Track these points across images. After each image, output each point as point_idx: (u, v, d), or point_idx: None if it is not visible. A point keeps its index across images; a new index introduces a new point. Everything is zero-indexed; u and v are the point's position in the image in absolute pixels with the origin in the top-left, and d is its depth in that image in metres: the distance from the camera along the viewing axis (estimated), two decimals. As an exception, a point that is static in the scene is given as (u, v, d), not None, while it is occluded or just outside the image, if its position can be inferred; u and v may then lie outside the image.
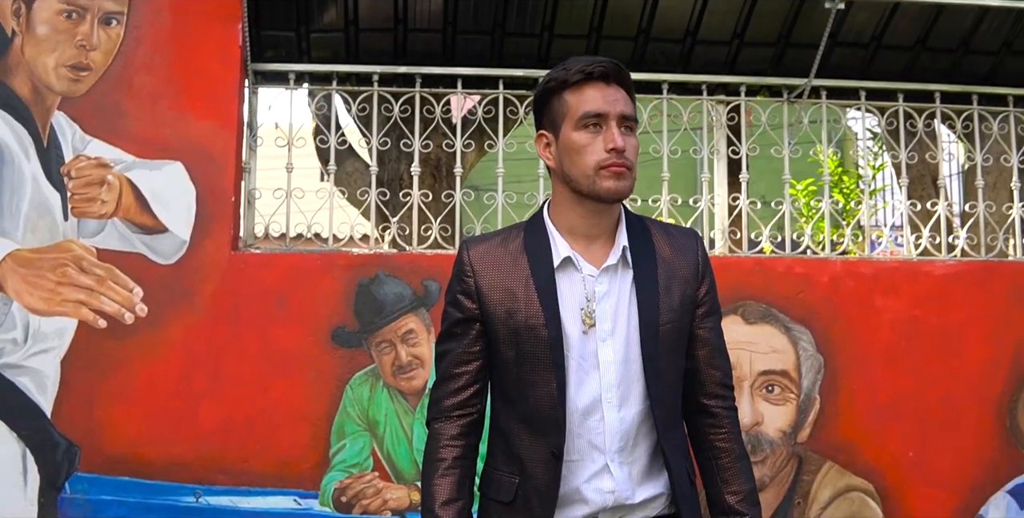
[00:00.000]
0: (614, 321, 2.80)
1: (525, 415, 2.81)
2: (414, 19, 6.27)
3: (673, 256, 2.91)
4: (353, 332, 5.57)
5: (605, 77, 2.80)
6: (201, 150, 5.61)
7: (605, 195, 2.77)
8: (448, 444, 2.87)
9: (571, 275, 2.83)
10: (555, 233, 2.87)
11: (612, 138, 2.75)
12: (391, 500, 5.50)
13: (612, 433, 2.78)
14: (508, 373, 2.85)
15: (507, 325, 2.82)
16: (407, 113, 6.18)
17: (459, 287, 2.91)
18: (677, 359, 2.87)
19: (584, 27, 6.40)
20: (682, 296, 2.87)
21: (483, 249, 2.89)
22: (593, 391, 2.78)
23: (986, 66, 6.95)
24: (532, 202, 6.21)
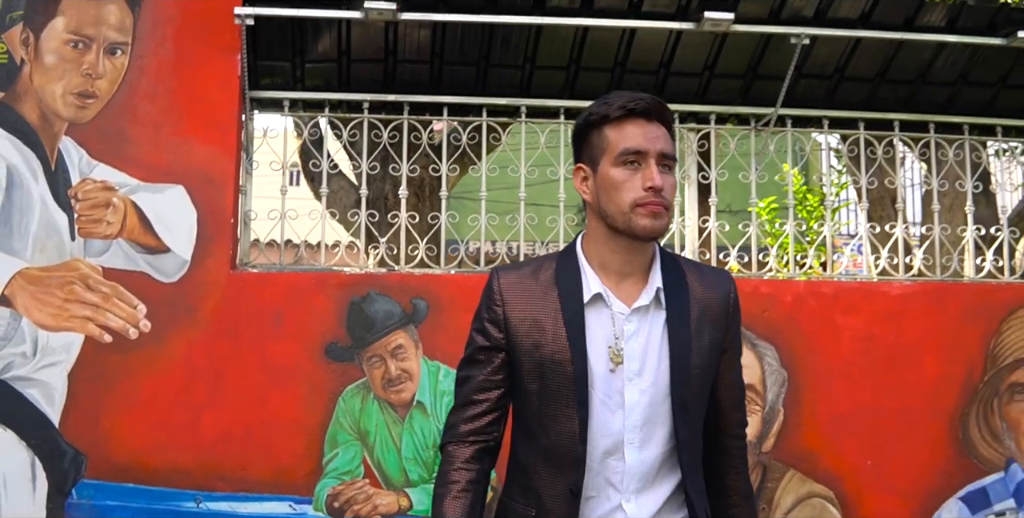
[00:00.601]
0: (642, 362, 2.78)
1: (545, 449, 2.80)
2: (403, 51, 6.60)
3: (705, 298, 2.88)
4: (345, 347, 5.88)
5: (647, 114, 2.78)
6: (202, 174, 5.91)
7: (641, 233, 2.75)
8: (461, 467, 2.86)
9: (600, 311, 2.80)
10: (587, 267, 2.85)
11: (651, 176, 2.73)
12: (381, 505, 5.81)
13: (631, 474, 2.77)
14: (530, 405, 2.84)
15: (533, 358, 2.80)
16: (395, 139, 6.51)
17: (487, 315, 2.89)
18: (703, 402, 2.87)
19: (564, 59, 6.75)
20: (711, 339, 2.85)
21: (514, 279, 2.88)
22: (616, 431, 2.77)
23: (943, 96, 7.33)
24: (514, 224, 6.56)
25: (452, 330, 5.91)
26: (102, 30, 6.01)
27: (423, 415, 5.87)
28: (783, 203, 7.95)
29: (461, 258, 6.41)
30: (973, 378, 6.44)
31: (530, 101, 6.72)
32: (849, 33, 6.57)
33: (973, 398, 6.43)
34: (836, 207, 12.25)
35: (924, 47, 6.91)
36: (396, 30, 6.41)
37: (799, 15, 6.52)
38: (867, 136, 6.98)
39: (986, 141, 7.29)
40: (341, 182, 8.32)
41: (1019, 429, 6.50)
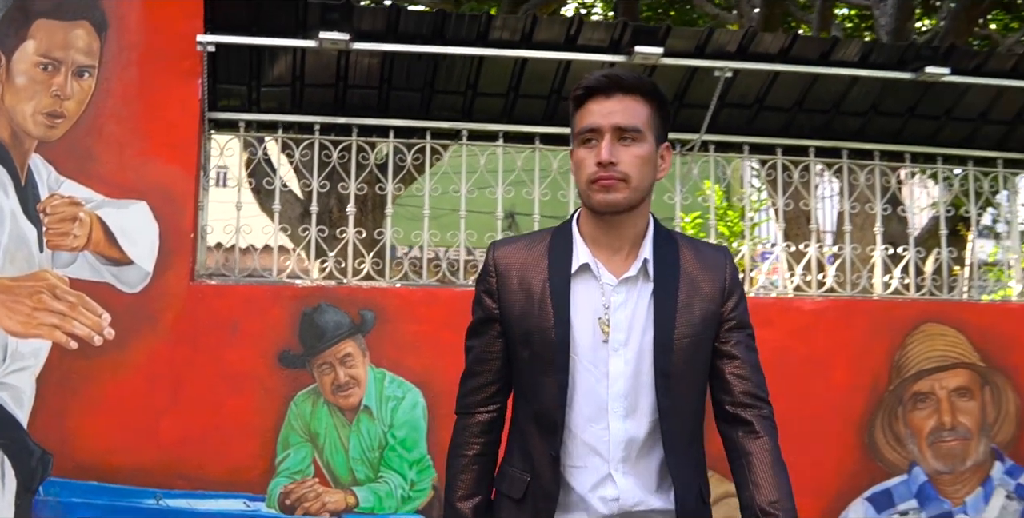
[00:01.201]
0: (628, 332, 2.83)
1: (534, 415, 2.88)
2: (353, 76, 7.01)
3: (699, 272, 2.91)
4: (297, 355, 6.27)
5: (605, 89, 2.83)
6: (163, 191, 6.26)
7: (597, 207, 2.82)
8: (472, 441, 2.96)
9: (588, 282, 2.86)
10: (579, 240, 2.90)
11: (599, 152, 2.77)
12: (329, 503, 6.20)
13: (616, 442, 2.80)
14: (522, 373, 2.92)
15: (521, 325, 2.87)
16: (344, 159, 6.91)
17: (482, 286, 2.98)
18: (694, 375, 2.88)
19: (504, 86, 7.20)
20: (704, 312, 2.87)
21: (507, 251, 2.95)
22: (600, 399, 2.81)
23: (856, 125, 7.86)
24: (455, 240, 6.99)
25: (398, 339, 6.33)
26: (70, 53, 6.35)
27: (369, 419, 6.27)
28: (707, 218, 8.42)
29: (405, 271, 6.81)
30: (879, 387, 6.92)
31: (471, 125, 7.15)
32: (769, 67, 7.07)
33: (879, 406, 6.90)
34: (755, 223, 12.82)
35: (838, 80, 7.40)
36: (348, 58, 6.82)
37: (723, 50, 6.99)
38: (785, 161, 7.46)
39: (895, 167, 7.81)
40: (287, 196, 8.70)
41: (921, 435, 6.99)
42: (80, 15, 6.38)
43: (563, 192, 7.15)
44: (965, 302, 7.75)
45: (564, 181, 7.14)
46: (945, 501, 6.98)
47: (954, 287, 8.18)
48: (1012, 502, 7.14)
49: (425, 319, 6.37)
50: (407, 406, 6.30)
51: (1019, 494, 7.13)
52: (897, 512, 6.93)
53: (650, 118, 2.86)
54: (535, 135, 7.20)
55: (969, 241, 8.55)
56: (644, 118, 2.84)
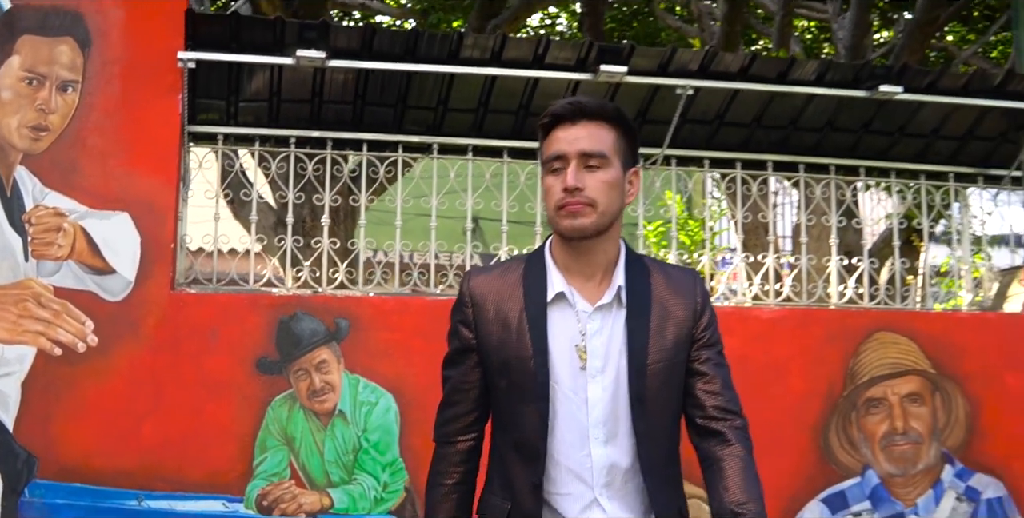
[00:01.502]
0: (605, 359, 2.86)
1: (514, 443, 2.89)
2: (329, 92, 7.25)
3: (670, 297, 2.94)
4: (274, 361, 6.49)
5: (570, 117, 2.87)
6: (145, 202, 6.48)
7: (565, 234, 2.85)
8: (451, 469, 2.97)
9: (564, 310, 2.88)
10: (552, 268, 2.93)
11: (564, 178, 2.81)
12: (305, 504, 6.42)
13: (599, 468, 2.84)
14: (500, 402, 2.93)
15: (499, 355, 2.89)
16: (319, 171, 7.14)
17: (458, 316, 2.99)
18: (669, 398, 2.93)
19: (473, 102, 7.45)
20: (676, 336, 2.91)
21: (482, 280, 2.97)
22: (581, 426, 2.84)
23: (812, 140, 8.15)
24: (425, 249, 7.23)
25: (371, 347, 6.56)
26: (55, 68, 6.55)
27: (344, 423, 6.50)
28: (669, 227, 8.68)
29: (378, 280, 7.04)
30: (834, 393, 7.19)
31: (442, 139, 7.40)
32: (729, 85, 7.35)
33: (833, 411, 7.16)
34: (715, 232, 13.13)
35: (796, 98, 7.70)
36: (323, 74, 7.05)
37: (685, 68, 7.27)
38: (744, 175, 7.75)
39: (850, 180, 8.11)
40: (261, 206, 8.90)
41: (874, 439, 7.27)
42: (64, 31, 6.58)
43: (530, 204, 7.40)
44: (917, 312, 8.06)
45: (531, 193, 7.39)
46: (897, 503, 7.25)
47: (907, 296, 8.47)
48: (962, 504, 7.42)
49: (397, 327, 6.61)
50: (380, 411, 6.53)
51: (969, 496, 7.40)
52: (851, 513, 7.18)
53: (616, 143, 2.89)
54: (503, 149, 7.45)
55: (922, 252, 8.86)
56: (609, 143, 2.87)
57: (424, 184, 7.37)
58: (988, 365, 7.46)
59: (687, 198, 12.76)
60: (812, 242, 8.44)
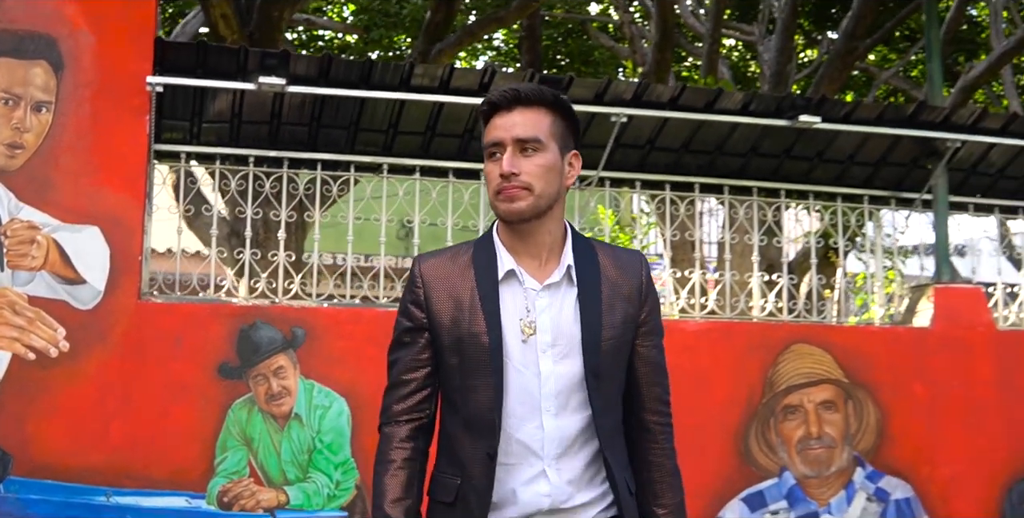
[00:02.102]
0: (555, 334, 2.90)
1: (466, 419, 2.92)
2: (287, 115, 7.73)
3: (617, 275, 2.99)
4: (235, 367, 6.94)
5: (506, 104, 2.91)
6: (113, 217, 6.89)
7: (505, 218, 2.90)
8: (397, 446, 2.96)
9: (514, 288, 2.94)
10: (501, 249, 2.97)
11: (500, 164, 2.85)
12: (263, 500, 6.87)
13: (550, 440, 2.88)
14: (452, 379, 2.96)
15: (452, 333, 2.92)
16: (276, 188, 7.59)
17: (410, 297, 3.01)
18: (618, 373, 2.98)
19: (422, 126, 7.96)
20: (624, 314, 2.97)
21: (433, 263, 3.01)
22: (532, 399, 2.88)
23: (737, 164, 8.75)
24: (373, 265, 7.71)
25: (325, 354, 7.03)
26: (29, 90, 6.95)
27: (299, 425, 6.96)
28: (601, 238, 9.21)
29: (330, 292, 7.52)
30: (754, 401, 7.74)
31: (392, 159, 7.90)
32: (660, 114, 7.93)
33: (753, 417, 7.71)
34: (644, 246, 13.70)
35: (722, 125, 8.28)
36: (283, 98, 7.53)
37: (619, 98, 7.83)
38: (673, 196, 8.30)
39: (772, 202, 8.68)
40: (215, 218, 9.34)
41: (791, 443, 7.81)
42: (38, 55, 6.99)
43: (474, 221, 7.90)
44: (832, 325, 8.66)
45: (474, 211, 7.90)
46: (812, 502, 7.80)
47: (824, 310, 9.05)
48: (872, 504, 8.00)
49: (350, 336, 7.08)
50: (333, 414, 7.00)
51: (878, 496, 7.98)
52: (769, 511, 7.71)
53: (552, 127, 2.93)
54: (449, 169, 7.96)
55: (838, 269, 9.46)
56: (545, 128, 2.91)
57: (375, 202, 7.84)
58: (898, 375, 8.06)
59: (619, 216, 13.34)
60: (736, 259, 8.98)
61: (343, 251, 7.64)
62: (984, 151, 9.12)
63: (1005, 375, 8.36)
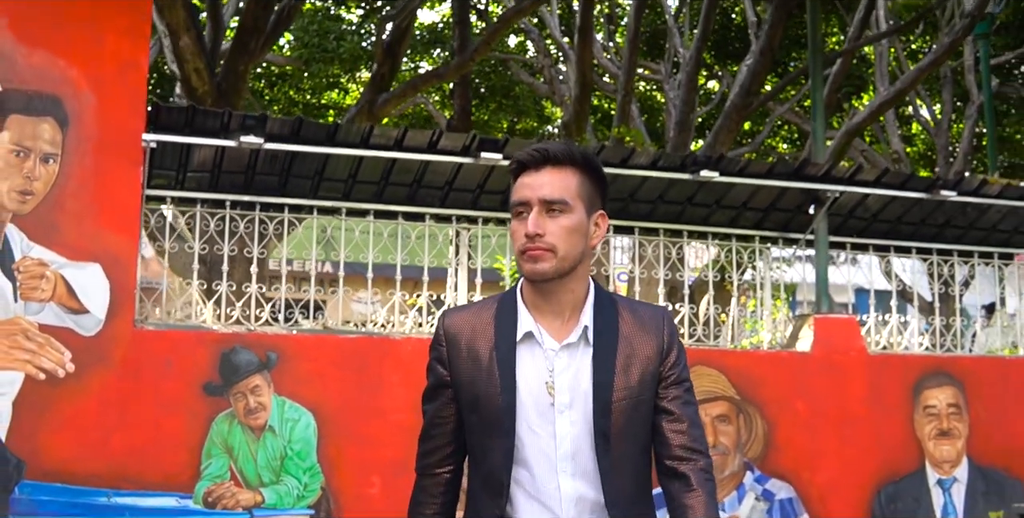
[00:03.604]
0: (572, 395, 2.89)
1: (483, 476, 2.95)
2: (261, 166, 8.86)
3: (637, 334, 2.96)
4: (218, 386, 8.02)
5: (534, 164, 2.92)
6: (112, 255, 7.91)
7: (529, 277, 2.90)
8: (430, 501, 3.07)
9: (533, 348, 2.93)
10: (523, 308, 2.96)
11: (526, 225, 2.87)
12: (242, 500, 7.96)
13: (567, 500, 2.88)
14: (472, 436, 2.98)
15: (470, 391, 2.94)
16: (250, 229, 8.70)
17: (434, 354, 3.04)
18: (637, 434, 2.95)
19: (377, 176, 9.14)
20: (642, 374, 2.94)
21: (457, 319, 3.03)
22: (549, 460, 2.89)
23: (646, 209, 10.04)
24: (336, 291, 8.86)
25: (295, 374, 8.15)
26: (38, 143, 7.95)
27: (273, 435, 8.08)
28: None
29: (296, 319, 8.65)
30: (658, 415, 9.01)
31: (350, 204, 9.05)
32: (582, 168, 9.17)
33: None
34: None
35: (634, 177, 9.56)
36: (259, 153, 8.66)
37: (549, 154, 9.06)
38: (591, 237, 9.53)
39: (676, 241, 9.94)
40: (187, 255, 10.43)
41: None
42: (46, 112, 8.00)
43: (419, 258, 9.09)
44: (726, 349, 9.96)
45: (419, 248, 9.09)
46: (706, 503, 9.06)
47: (719, 335, 10.34)
48: (759, 503, 9.26)
49: (316, 359, 8.21)
50: (302, 426, 8.13)
51: (765, 496, 9.24)
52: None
53: (579, 188, 2.94)
54: (399, 212, 9.13)
55: (732, 298, 10.77)
56: (572, 189, 2.91)
57: (333, 241, 9.00)
58: (782, 393, 9.38)
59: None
60: (643, 289, 10.27)
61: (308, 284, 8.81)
62: (860, 199, 10.52)
63: (875, 393, 9.74)
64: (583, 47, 13.25)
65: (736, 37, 19.10)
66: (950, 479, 10.04)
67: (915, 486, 9.90)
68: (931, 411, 9.97)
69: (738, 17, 18.93)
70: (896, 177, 10.55)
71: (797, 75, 15.50)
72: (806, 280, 10.99)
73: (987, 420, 10.16)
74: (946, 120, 19.82)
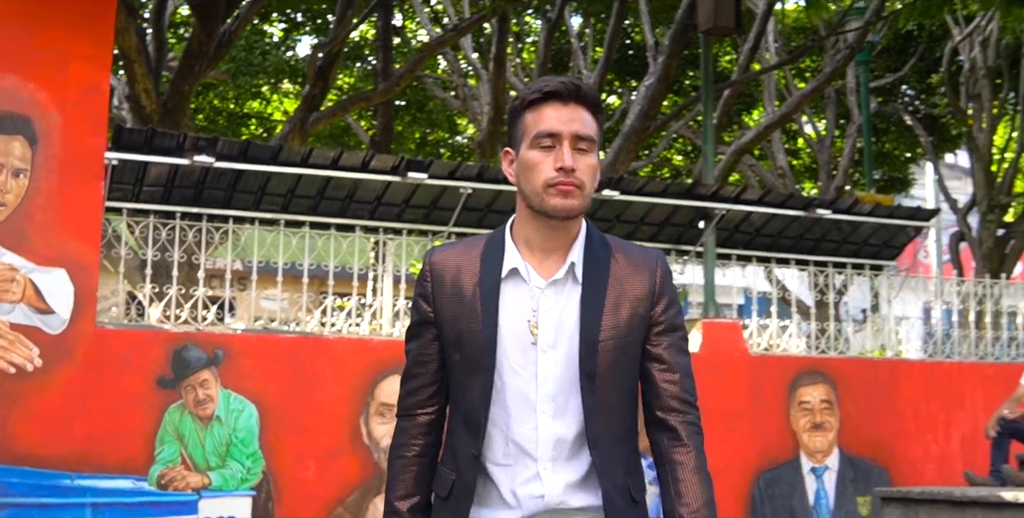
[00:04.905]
0: (556, 334, 2.80)
1: (463, 416, 2.87)
2: (210, 182, 9.79)
3: (628, 275, 2.86)
4: (171, 379, 8.92)
5: (563, 96, 2.79)
6: (76, 262, 8.73)
7: (552, 212, 2.76)
8: (411, 442, 2.96)
9: (519, 286, 2.83)
10: (511, 245, 2.86)
11: (562, 157, 2.73)
12: (191, 482, 8.85)
13: (545, 442, 2.79)
14: (454, 375, 2.90)
15: (453, 328, 2.85)
16: (197, 238, 9.61)
17: (419, 290, 2.94)
18: (623, 376, 2.85)
19: (314, 192, 10.12)
20: (632, 315, 2.84)
21: (443, 256, 2.93)
22: (528, 400, 2.80)
23: (650, 232, 11.33)
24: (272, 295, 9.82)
25: (240, 370, 9.07)
26: (10, 159, 8.74)
27: (219, 424, 9.00)
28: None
29: (239, 318, 9.60)
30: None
31: (288, 216, 10.02)
32: (495, 187, 10.27)
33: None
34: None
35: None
36: (209, 170, 9.59)
37: (466, 175, 10.16)
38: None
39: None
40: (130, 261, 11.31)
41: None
42: (17, 131, 8.78)
43: (349, 266, 10.08)
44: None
45: (350, 257, 10.08)
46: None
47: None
48: (652, 487, 10.36)
49: (258, 356, 9.16)
50: (245, 416, 9.07)
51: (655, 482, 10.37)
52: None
53: (598, 129, 2.88)
54: (332, 224, 10.12)
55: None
56: (595, 129, 2.85)
57: (273, 249, 9.96)
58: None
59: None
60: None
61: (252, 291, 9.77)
62: (745, 215, 11.73)
63: (755, 390, 10.94)
64: (497, 74, 14.30)
65: (635, 55, 20.22)
66: (822, 467, 11.30)
67: (790, 473, 11.12)
68: (806, 406, 11.20)
69: (638, 36, 20.01)
70: (777, 197, 11.84)
71: (691, 101, 16.67)
72: (695, 285, 12.21)
73: (856, 415, 11.43)
74: (829, 137, 21.17)
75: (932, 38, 20.28)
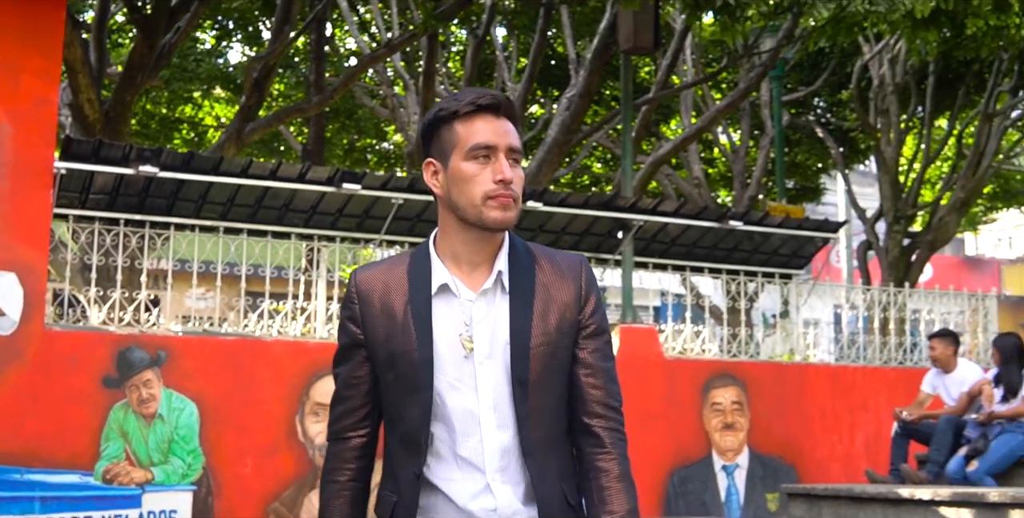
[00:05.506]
0: (491, 344, 2.80)
1: (401, 436, 2.84)
2: (153, 190, 10.25)
3: (554, 281, 2.87)
4: (115, 379, 9.37)
5: (495, 109, 2.80)
6: (26, 266, 9.13)
7: (492, 224, 2.76)
8: (344, 467, 2.93)
9: (449, 301, 2.82)
10: (436, 260, 2.84)
11: (500, 169, 2.74)
12: (135, 477, 9.33)
13: (491, 453, 2.79)
14: (388, 396, 2.87)
15: (385, 349, 2.82)
16: (140, 244, 10.07)
17: (347, 312, 2.91)
18: (554, 382, 2.85)
19: (253, 201, 10.63)
20: (560, 320, 2.84)
21: (368, 275, 2.89)
22: (472, 413, 2.79)
23: (572, 242, 11.84)
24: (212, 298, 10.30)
25: (181, 370, 9.55)
26: (-39, 169, 9.24)
27: (162, 422, 9.47)
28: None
29: (179, 320, 10.07)
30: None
31: (227, 223, 10.50)
32: (425, 197, 10.79)
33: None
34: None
35: (561, 216, 11.22)
36: (153, 179, 10.06)
37: (399, 186, 10.73)
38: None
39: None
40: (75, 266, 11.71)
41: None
42: (-32, 141, 9.28)
43: (285, 271, 10.59)
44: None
45: (285, 263, 10.59)
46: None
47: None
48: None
49: (199, 357, 9.64)
50: (186, 414, 9.55)
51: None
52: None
53: None
54: (268, 232, 10.62)
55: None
56: (520, 142, 2.87)
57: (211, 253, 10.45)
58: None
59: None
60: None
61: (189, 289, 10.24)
62: (662, 226, 12.41)
63: (670, 392, 11.61)
64: (427, 88, 14.83)
65: (558, 66, 20.80)
66: (733, 465, 11.97)
67: (703, 471, 11.76)
68: (718, 407, 11.88)
69: (560, 47, 20.58)
70: (692, 208, 12.56)
71: (612, 117, 17.30)
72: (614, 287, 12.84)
73: (765, 415, 12.14)
74: (744, 147, 21.86)
75: (844, 54, 20.98)
